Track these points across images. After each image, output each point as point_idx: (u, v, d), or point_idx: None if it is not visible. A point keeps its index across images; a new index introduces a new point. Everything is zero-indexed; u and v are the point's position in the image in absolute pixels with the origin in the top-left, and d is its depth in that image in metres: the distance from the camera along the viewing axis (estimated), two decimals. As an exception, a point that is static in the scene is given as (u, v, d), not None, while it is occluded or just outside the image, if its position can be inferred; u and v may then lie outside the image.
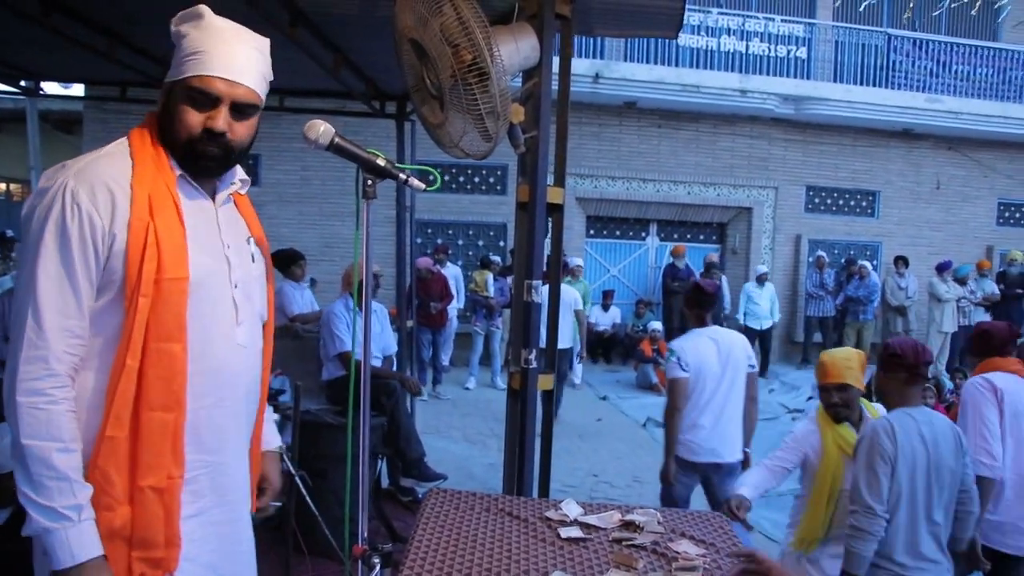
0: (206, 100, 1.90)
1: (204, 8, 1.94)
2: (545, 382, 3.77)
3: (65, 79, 8.62)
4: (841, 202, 15.16)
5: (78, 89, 10.81)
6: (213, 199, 2.04)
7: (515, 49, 3.43)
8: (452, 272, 11.50)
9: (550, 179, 3.77)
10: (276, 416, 3.42)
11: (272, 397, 4.53)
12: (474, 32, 3.08)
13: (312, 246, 11.78)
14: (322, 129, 2.04)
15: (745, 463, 4.91)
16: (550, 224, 3.99)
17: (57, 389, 1.75)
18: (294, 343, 6.25)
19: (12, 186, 19.55)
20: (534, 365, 3.60)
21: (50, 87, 8.99)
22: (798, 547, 3.75)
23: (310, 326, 6.77)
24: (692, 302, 5.01)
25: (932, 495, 3.18)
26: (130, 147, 1.92)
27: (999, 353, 4.27)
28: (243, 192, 2.16)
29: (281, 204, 12.72)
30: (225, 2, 3.68)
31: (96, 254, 1.79)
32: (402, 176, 2.10)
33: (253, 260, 2.13)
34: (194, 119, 1.90)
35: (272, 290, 2.25)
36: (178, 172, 1.94)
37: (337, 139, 2.05)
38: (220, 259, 2.00)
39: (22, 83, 7.20)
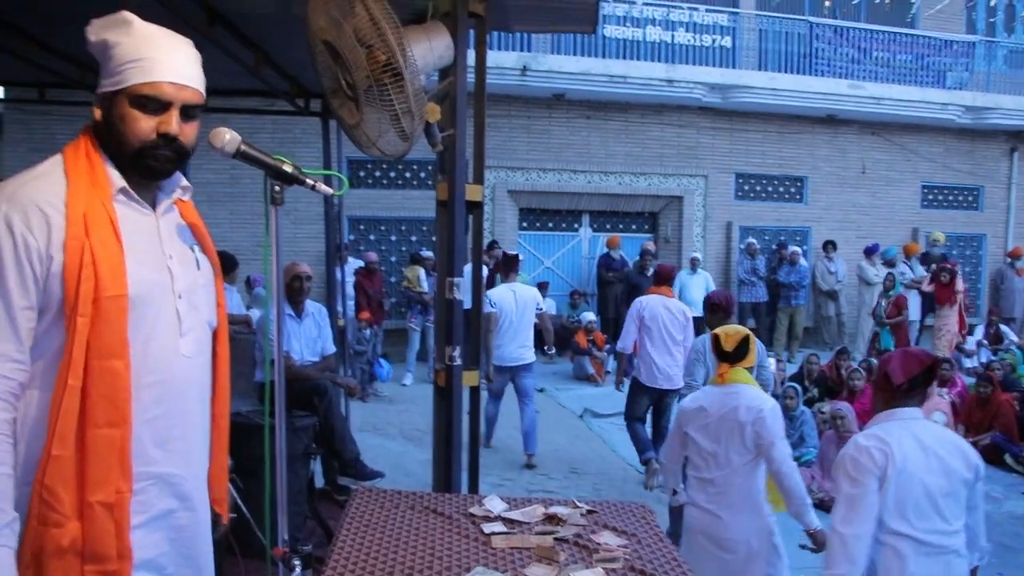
0: (157, 105, 1.91)
1: (129, 15, 1.94)
2: (470, 378, 3.80)
3: (-18, 81, 8.41)
4: (770, 188, 15.41)
5: (-3, 91, 10.59)
6: (154, 209, 2.03)
7: (429, 48, 3.44)
8: None
9: (469, 176, 3.80)
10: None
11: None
12: (386, 33, 3.09)
13: (244, 246, 11.62)
14: (227, 137, 2.04)
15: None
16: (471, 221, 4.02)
17: None
18: (225, 345, 6.16)
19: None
20: (458, 362, 3.63)
21: (-34, 90, 8.75)
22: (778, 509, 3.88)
23: (239, 327, 6.70)
24: (500, 266, 8.30)
25: None
26: (64, 164, 1.90)
27: (657, 283, 7.36)
28: (186, 199, 2.16)
29: (212, 204, 12.51)
30: (139, 3, 3.64)
31: (35, 276, 1.78)
32: (309, 182, 2.12)
33: (199, 267, 2.12)
34: (146, 125, 1.91)
35: (222, 295, 2.24)
36: (118, 185, 1.93)
37: (243, 147, 2.06)
38: (162, 271, 1.98)
39: (-61, 87, 7.04)
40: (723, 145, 14.88)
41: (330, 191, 2.15)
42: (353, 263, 11.46)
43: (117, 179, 1.93)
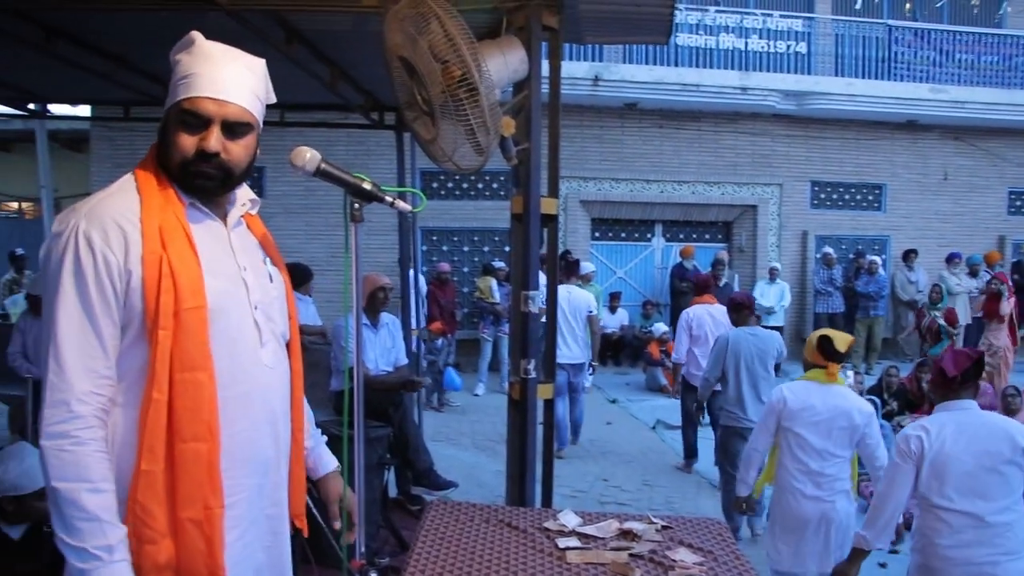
0: (197, 121, 1.89)
1: (196, 34, 1.95)
2: (545, 391, 3.80)
3: (71, 101, 8.70)
4: (847, 196, 15.09)
5: (84, 109, 10.96)
6: (224, 223, 2.04)
7: (503, 63, 3.46)
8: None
9: (544, 189, 3.80)
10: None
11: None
12: (461, 48, 3.12)
13: (319, 256, 11.83)
14: (308, 156, 2.06)
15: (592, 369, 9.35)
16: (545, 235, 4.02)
17: (83, 430, 1.74)
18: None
19: (24, 204, 19.67)
20: (533, 375, 3.63)
21: (57, 108, 9.08)
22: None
23: (315, 338, 6.82)
24: (562, 270, 8.13)
25: (757, 372, 6.03)
26: (136, 182, 1.91)
27: (699, 293, 8.17)
28: (253, 212, 2.15)
29: (287, 216, 12.75)
30: (220, 24, 3.74)
31: (115, 292, 1.79)
32: (388, 199, 2.13)
33: (271, 280, 2.12)
34: (187, 142, 1.89)
35: (293, 309, 2.23)
36: (187, 201, 1.94)
37: (323, 165, 2.08)
38: (237, 282, 1.99)
39: (30, 106, 7.29)
40: (798, 153, 14.63)
41: (408, 208, 2.16)
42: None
43: (184, 195, 1.94)
